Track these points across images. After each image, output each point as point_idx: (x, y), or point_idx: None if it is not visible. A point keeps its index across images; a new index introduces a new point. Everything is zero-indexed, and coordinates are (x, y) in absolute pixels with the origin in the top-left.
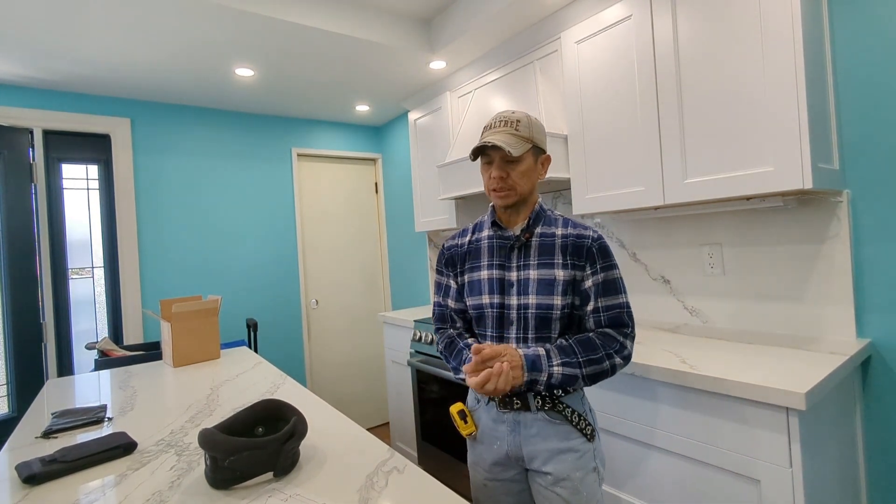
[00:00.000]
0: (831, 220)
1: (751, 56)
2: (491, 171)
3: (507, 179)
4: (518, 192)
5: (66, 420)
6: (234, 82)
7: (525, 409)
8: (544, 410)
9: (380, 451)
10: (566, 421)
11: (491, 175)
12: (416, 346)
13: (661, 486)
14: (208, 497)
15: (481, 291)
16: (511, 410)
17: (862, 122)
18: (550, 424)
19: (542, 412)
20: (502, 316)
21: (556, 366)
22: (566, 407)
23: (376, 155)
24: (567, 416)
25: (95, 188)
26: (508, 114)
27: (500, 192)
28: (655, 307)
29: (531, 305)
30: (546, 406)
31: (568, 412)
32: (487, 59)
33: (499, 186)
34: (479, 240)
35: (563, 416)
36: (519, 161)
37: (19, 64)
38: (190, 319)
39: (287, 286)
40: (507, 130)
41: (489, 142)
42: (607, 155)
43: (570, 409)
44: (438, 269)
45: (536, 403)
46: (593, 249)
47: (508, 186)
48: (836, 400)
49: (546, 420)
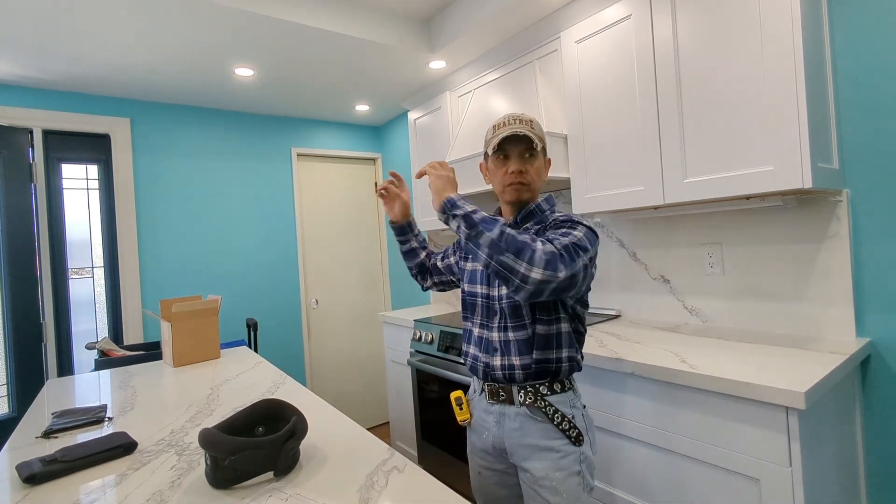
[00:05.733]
0: (831, 219)
1: (750, 55)
2: (508, 166)
3: (525, 174)
4: (532, 188)
5: (66, 420)
6: (234, 82)
7: (509, 402)
8: (526, 405)
9: (380, 451)
10: (547, 419)
11: (508, 170)
12: (416, 346)
13: (661, 486)
14: (209, 497)
15: (476, 281)
16: (497, 402)
17: (862, 122)
18: (532, 421)
19: (524, 407)
20: (489, 307)
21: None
22: (549, 405)
23: (376, 155)
24: (549, 414)
25: (95, 188)
26: (520, 114)
27: (516, 186)
28: (655, 307)
29: (504, 296)
30: (528, 401)
31: (550, 411)
32: (487, 59)
33: (516, 180)
34: None
35: (545, 413)
36: (535, 158)
37: (19, 64)
38: (190, 319)
39: (287, 286)
40: (525, 127)
41: (519, 131)
42: (607, 154)
43: (554, 408)
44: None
45: (520, 398)
46: (552, 221)
47: (526, 181)
48: (835, 399)
49: (527, 416)
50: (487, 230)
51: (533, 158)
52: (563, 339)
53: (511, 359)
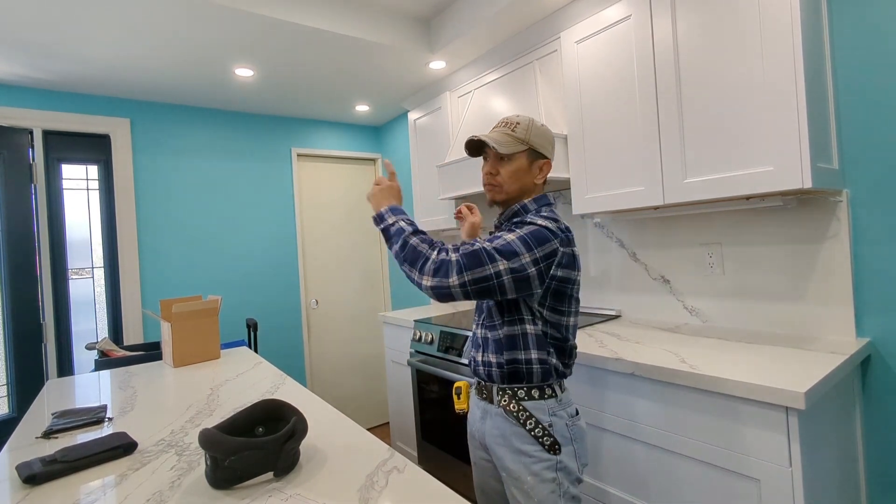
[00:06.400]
0: (831, 219)
1: (750, 55)
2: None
3: (495, 176)
4: (505, 190)
5: (66, 420)
6: (234, 82)
7: (489, 400)
8: (501, 407)
9: (380, 451)
10: (519, 424)
11: (483, 170)
12: (416, 346)
13: (661, 485)
14: (209, 497)
15: None
16: (482, 399)
17: (862, 122)
18: (507, 422)
19: (500, 408)
20: (479, 305)
21: (389, 218)
22: (523, 411)
23: (376, 155)
24: (520, 419)
25: (95, 188)
26: (511, 117)
27: (487, 188)
28: (655, 307)
29: None
30: (503, 403)
31: (523, 416)
32: (487, 59)
33: (487, 182)
34: None
35: (517, 419)
36: (510, 160)
37: (19, 64)
38: (190, 319)
39: (287, 286)
40: (502, 130)
41: (475, 136)
42: (607, 155)
43: (528, 413)
44: None
45: (498, 398)
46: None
47: (496, 183)
48: (835, 399)
49: (503, 417)
50: (395, 243)
51: (508, 161)
52: (529, 340)
53: (489, 355)
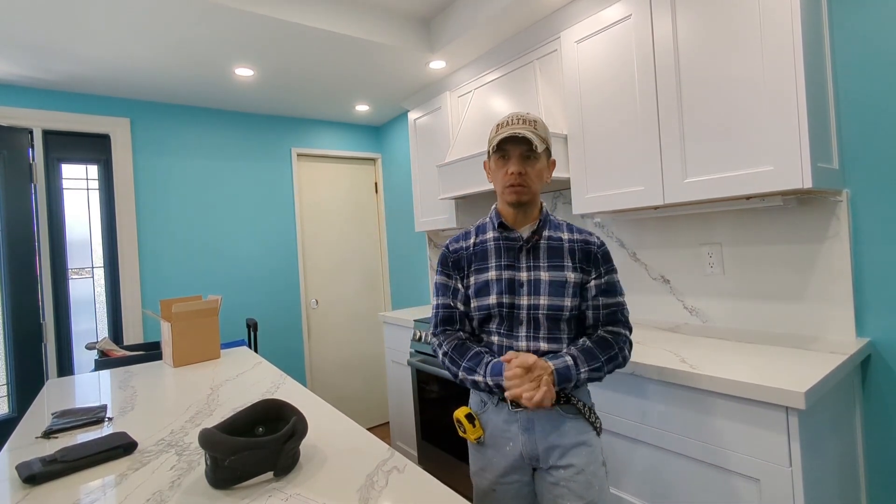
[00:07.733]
0: (831, 219)
1: (750, 55)
2: (508, 167)
3: (525, 176)
4: (532, 190)
5: (66, 420)
6: (234, 82)
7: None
8: (559, 405)
9: (380, 451)
10: (579, 414)
11: (508, 171)
12: (416, 346)
13: (661, 485)
14: (209, 497)
15: (489, 292)
16: (524, 409)
17: (862, 122)
18: (565, 419)
19: (558, 406)
20: (511, 315)
21: (583, 372)
22: (578, 401)
23: (376, 155)
24: (580, 409)
25: (95, 188)
26: (524, 113)
27: (516, 188)
28: (655, 307)
29: (542, 306)
30: (561, 401)
31: (580, 405)
32: (487, 59)
33: (516, 182)
34: (485, 241)
35: (577, 409)
36: (536, 159)
37: (19, 64)
38: (190, 319)
39: (287, 286)
40: (527, 128)
41: (519, 132)
42: (607, 154)
43: (582, 402)
44: (444, 271)
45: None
46: (598, 255)
47: (525, 183)
48: (835, 399)
49: (560, 415)
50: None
51: (534, 160)
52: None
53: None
